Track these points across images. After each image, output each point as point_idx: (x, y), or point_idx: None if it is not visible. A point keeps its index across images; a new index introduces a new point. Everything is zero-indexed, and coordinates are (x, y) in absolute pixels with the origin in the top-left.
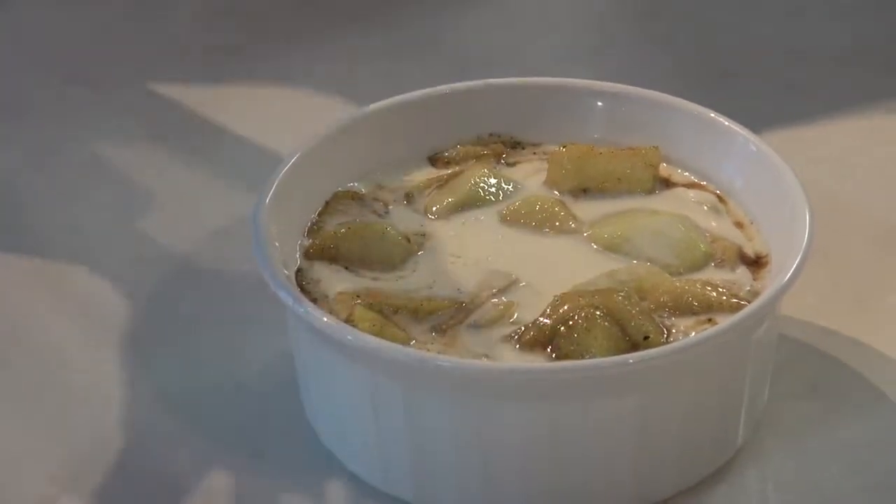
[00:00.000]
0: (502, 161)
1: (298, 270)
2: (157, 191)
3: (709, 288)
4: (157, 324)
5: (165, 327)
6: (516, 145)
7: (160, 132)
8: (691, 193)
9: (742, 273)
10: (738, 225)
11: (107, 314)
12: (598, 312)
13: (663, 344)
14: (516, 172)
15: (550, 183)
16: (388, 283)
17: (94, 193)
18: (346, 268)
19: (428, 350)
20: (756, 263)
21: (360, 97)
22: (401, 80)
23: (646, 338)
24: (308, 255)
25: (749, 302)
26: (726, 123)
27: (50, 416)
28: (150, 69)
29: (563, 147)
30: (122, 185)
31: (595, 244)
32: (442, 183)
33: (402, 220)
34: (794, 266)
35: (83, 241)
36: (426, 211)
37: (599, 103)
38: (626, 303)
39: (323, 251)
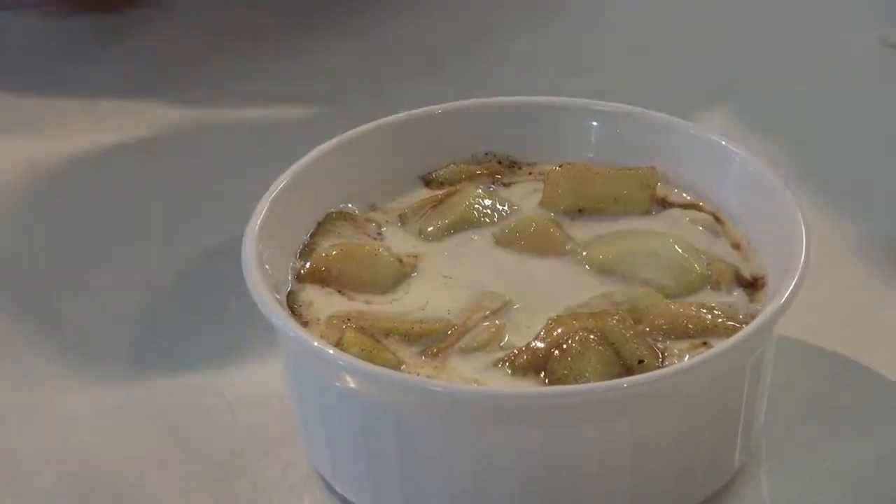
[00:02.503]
0: (497, 181)
1: (290, 293)
2: (149, 210)
3: (704, 311)
4: (148, 345)
5: (156, 349)
6: (512, 165)
7: (151, 150)
8: (688, 214)
9: (739, 295)
10: (736, 246)
11: (96, 335)
12: (592, 336)
13: (658, 368)
14: (511, 193)
15: (546, 203)
16: (381, 307)
17: (85, 212)
18: (339, 291)
19: (418, 374)
20: (753, 286)
21: (353, 116)
22: (394, 99)
23: (640, 361)
24: (300, 277)
25: (745, 325)
26: (723, 143)
27: (39, 438)
28: (140, 86)
29: (559, 167)
30: (114, 204)
31: (590, 266)
32: (436, 203)
33: (396, 241)
34: (790, 290)
35: (73, 261)
36: (420, 232)
37: (595, 123)
38: (621, 326)
39: (315, 274)
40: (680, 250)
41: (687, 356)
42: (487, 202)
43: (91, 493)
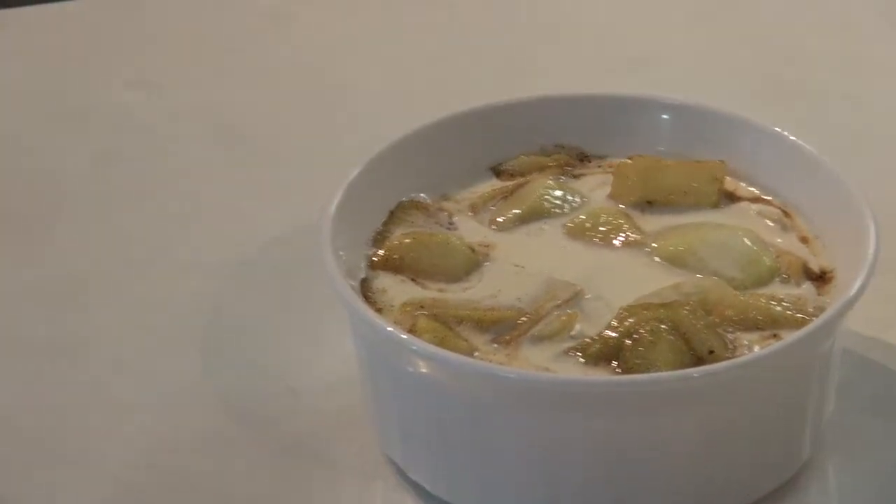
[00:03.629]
0: (567, 173)
1: (364, 280)
2: (219, 197)
3: (773, 303)
4: (218, 331)
5: (226, 334)
6: (582, 157)
7: (221, 137)
8: (756, 208)
9: (807, 288)
10: (804, 240)
11: (165, 320)
12: (663, 326)
13: (728, 358)
14: (581, 185)
15: (615, 195)
16: (454, 294)
17: (155, 199)
18: (412, 279)
19: (490, 361)
20: (821, 279)
21: (425, 107)
22: (466, 90)
23: (711, 352)
24: (373, 264)
25: (814, 317)
26: (791, 138)
27: (107, 421)
28: (210, 73)
29: (630, 159)
30: (184, 191)
31: (659, 257)
32: (507, 194)
33: (467, 230)
34: (860, 282)
35: (143, 246)
36: (491, 222)
37: (665, 116)
38: (692, 317)
39: (388, 261)
40: (749, 243)
41: (756, 347)
42: (558, 193)
43: (159, 478)
